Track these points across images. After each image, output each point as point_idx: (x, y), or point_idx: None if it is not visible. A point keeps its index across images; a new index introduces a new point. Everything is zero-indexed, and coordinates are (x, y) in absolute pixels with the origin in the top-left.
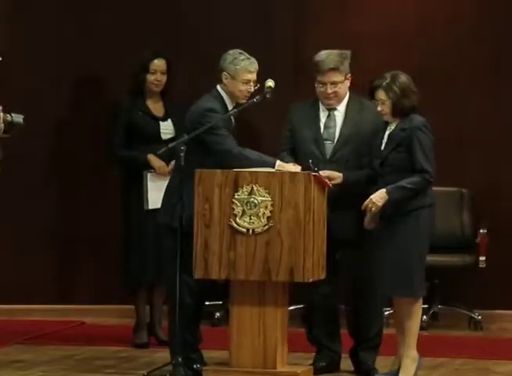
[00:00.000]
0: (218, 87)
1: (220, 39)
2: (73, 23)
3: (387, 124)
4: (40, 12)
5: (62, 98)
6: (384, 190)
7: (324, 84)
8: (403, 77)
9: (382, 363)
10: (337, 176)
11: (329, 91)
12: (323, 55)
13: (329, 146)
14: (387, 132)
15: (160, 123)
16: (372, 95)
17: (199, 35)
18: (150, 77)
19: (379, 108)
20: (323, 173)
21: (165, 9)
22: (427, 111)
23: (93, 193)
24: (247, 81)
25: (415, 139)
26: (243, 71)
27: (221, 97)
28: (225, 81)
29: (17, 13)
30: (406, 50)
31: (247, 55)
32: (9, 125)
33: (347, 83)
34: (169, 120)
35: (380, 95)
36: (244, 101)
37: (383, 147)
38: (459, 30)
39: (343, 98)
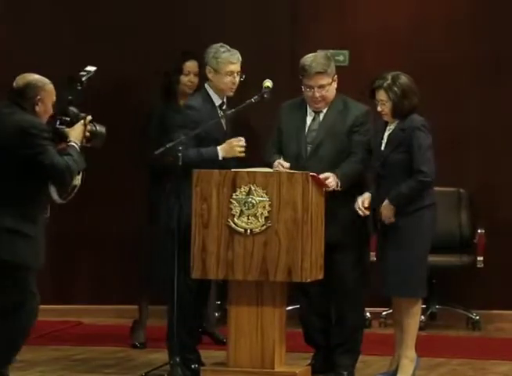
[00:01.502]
0: (206, 84)
1: (218, 39)
2: (70, 23)
3: (386, 124)
4: (37, 11)
5: (59, 98)
6: (387, 202)
7: (312, 88)
8: (404, 78)
9: (381, 364)
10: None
11: (317, 94)
12: (309, 58)
13: (309, 149)
14: (386, 133)
15: None
16: (373, 96)
17: (197, 35)
18: (184, 79)
19: (379, 108)
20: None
21: (163, 9)
22: (426, 111)
23: (91, 192)
24: (231, 73)
25: (413, 139)
26: (225, 63)
27: (207, 93)
28: (209, 75)
29: (16, 13)
30: (405, 50)
31: (228, 47)
32: (92, 135)
33: (335, 85)
34: None
35: (381, 95)
36: (231, 93)
37: (383, 148)
38: (458, 29)
39: (330, 100)
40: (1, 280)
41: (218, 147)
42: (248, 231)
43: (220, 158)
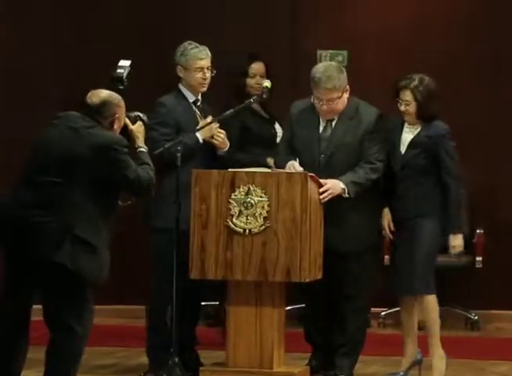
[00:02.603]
0: (180, 83)
1: (219, 39)
2: (70, 23)
3: (402, 124)
4: (37, 11)
5: (60, 99)
6: (457, 236)
7: (320, 100)
8: (430, 81)
9: (380, 364)
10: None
11: (325, 107)
12: (320, 71)
13: (322, 159)
14: (406, 134)
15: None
16: (396, 95)
17: (197, 35)
18: (250, 81)
19: (402, 108)
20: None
21: (163, 9)
22: None
23: None
24: (200, 69)
25: (441, 147)
26: (193, 59)
27: (180, 91)
28: (180, 74)
29: (16, 13)
30: (405, 50)
31: (197, 44)
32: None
33: (346, 95)
34: (276, 123)
35: (406, 95)
36: (204, 89)
37: (403, 151)
38: (458, 29)
39: (340, 111)
40: (58, 286)
41: (197, 133)
42: (247, 231)
43: (201, 142)
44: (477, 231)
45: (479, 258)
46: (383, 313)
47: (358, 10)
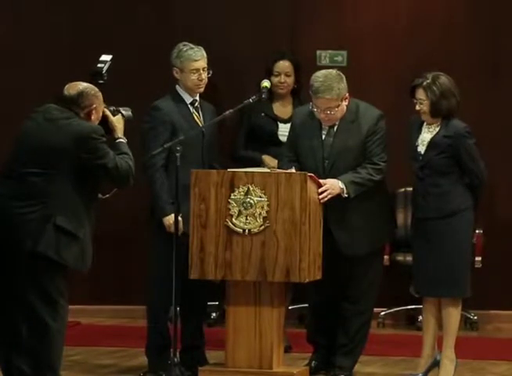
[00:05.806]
0: (176, 85)
1: (218, 39)
2: (71, 23)
3: (421, 123)
4: (37, 11)
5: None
6: None
7: (318, 107)
8: (444, 79)
9: (379, 364)
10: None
11: (323, 115)
12: (319, 80)
13: (326, 165)
14: (425, 134)
15: (280, 125)
16: (412, 94)
17: (196, 36)
18: (274, 79)
19: (417, 107)
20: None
21: (163, 9)
22: None
23: None
24: (196, 70)
25: (461, 148)
26: (188, 61)
27: (177, 93)
28: (176, 75)
29: (16, 13)
30: (404, 51)
31: (191, 45)
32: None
33: (345, 103)
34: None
35: (420, 94)
36: (201, 90)
37: (423, 151)
38: (457, 30)
39: (340, 117)
40: (39, 277)
41: (167, 218)
42: (246, 231)
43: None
44: (477, 231)
45: (478, 258)
46: (382, 313)
47: (357, 10)
